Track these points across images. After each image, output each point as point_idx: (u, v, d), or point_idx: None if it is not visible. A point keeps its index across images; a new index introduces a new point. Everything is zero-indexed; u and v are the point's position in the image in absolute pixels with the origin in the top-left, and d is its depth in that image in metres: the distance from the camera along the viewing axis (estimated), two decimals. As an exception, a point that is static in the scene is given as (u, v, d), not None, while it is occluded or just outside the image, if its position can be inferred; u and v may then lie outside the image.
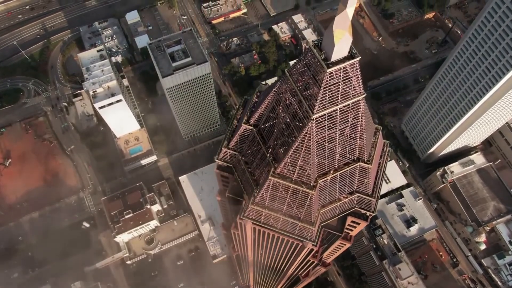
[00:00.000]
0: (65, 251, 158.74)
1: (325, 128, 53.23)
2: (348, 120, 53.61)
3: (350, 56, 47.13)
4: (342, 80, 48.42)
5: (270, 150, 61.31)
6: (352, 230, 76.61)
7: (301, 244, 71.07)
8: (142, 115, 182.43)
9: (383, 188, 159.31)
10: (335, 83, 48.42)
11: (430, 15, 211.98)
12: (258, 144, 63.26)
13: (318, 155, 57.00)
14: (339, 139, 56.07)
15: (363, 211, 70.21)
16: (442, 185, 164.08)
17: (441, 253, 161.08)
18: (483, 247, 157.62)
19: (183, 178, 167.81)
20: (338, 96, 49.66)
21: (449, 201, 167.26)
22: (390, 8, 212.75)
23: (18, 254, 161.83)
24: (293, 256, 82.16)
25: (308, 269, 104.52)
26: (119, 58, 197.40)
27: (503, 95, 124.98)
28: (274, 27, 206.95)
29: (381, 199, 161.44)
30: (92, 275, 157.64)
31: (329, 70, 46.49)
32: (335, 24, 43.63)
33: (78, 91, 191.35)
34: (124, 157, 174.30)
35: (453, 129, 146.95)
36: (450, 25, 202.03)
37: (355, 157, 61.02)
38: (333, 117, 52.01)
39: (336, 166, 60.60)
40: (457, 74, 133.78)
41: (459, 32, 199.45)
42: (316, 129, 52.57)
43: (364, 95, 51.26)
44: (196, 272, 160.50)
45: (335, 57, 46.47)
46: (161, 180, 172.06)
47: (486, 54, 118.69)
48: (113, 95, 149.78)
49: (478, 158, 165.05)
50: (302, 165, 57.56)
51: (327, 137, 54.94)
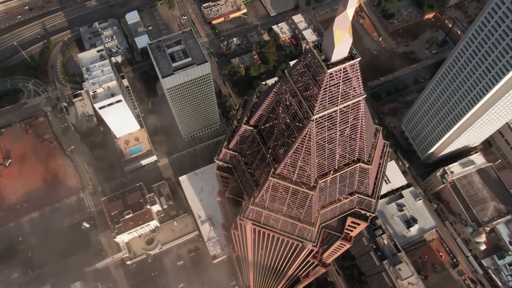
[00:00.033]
0: (65, 252, 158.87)
1: (325, 129, 53.18)
2: (348, 121, 53.60)
3: (350, 57, 47.11)
4: (342, 81, 48.40)
5: (270, 151, 61.29)
6: (352, 231, 76.58)
7: (301, 245, 71.04)
8: (142, 116, 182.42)
9: (383, 188, 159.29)
10: (335, 84, 48.40)
11: (430, 16, 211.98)
12: (258, 145, 63.23)
13: (318, 156, 56.97)
14: (339, 140, 56.04)
15: (363, 212, 70.20)
16: (442, 186, 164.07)
17: (441, 254, 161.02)
18: (483, 248, 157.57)
19: (183, 179, 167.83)
20: (338, 97, 49.64)
21: (449, 202, 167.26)
22: (390, 8, 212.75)
23: (18, 255, 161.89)
24: (293, 257, 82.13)
25: (308, 270, 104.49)
26: (119, 59, 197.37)
27: (503, 96, 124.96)
28: (274, 27, 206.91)
29: (381, 199, 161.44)
30: (92, 276, 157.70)
31: (329, 71, 46.47)
32: (335, 25, 43.59)
33: (78, 91, 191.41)
34: (124, 158, 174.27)
35: (453, 130, 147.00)
36: (450, 26, 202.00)
37: (355, 158, 61.00)
38: (333, 118, 51.98)
39: (336, 167, 60.59)
40: (457, 75, 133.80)
41: (459, 33, 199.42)
42: (316, 130, 52.53)
43: (364, 96, 51.26)
44: (196, 273, 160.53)
45: (335, 58, 46.46)
46: (161, 181, 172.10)
47: (486, 55, 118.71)
48: (113, 96, 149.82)
49: (478, 159, 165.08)
50: (302, 166, 57.55)
51: (327, 138, 54.91)
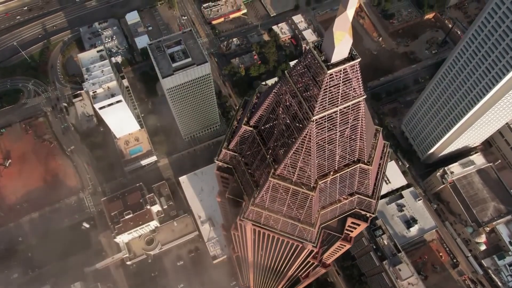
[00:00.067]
0: (65, 252, 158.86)
1: (325, 130, 53.08)
2: (348, 122, 53.51)
3: (350, 58, 47.00)
4: (342, 82, 48.31)
5: (270, 152, 61.22)
6: (352, 231, 76.53)
7: (301, 246, 70.98)
8: (142, 116, 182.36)
9: (383, 189, 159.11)
10: (335, 85, 48.32)
11: (430, 16, 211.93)
12: (258, 145, 63.19)
13: (318, 157, 56.90)
14: (339, 141, 55.97)
15: (363, 212, 70.16)
16: (442, 186, 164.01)
17: (441, 254, 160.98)
18: (483, 248, 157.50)
19: (183, 179, 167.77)
20: (338, 98, 49.55)
21: (449, 202, 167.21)
22: (390, 9, 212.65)
23: (18, 255, 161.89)
24: (293, 257, 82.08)
25: (308, 270, 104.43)
26: (119, 59, 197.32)
27: (503, 96, 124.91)
28: (274, 28, 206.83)
29: (381, 200, 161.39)
30: (92, 276, 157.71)
31: (329, 72, 46.38)
32: (335, 26, 43.53)
33: (78, 92, 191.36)
34: (124, 158, 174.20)
35: (453, 130, 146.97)
36: (450, 26, 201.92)
37: (355, 159, 60.90)
38: (333, 119, 51.89)
39: (336, 168, 60.50)
40: (457, 75, 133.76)
41: (459, 33, 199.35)
42: (316, 131, 52.46)
43: (365, 97, 51.18)
44: (196, 273, 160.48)
45: (335, 59, 46.38)
46: (161, 181, 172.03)
47: (486, 55, 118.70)
48: (113, 96, 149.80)
49: (478, 159, 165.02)
50: (302, 167, 57.48)
51: (327, 139, 54.83)
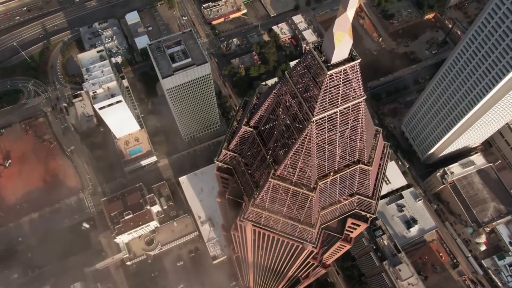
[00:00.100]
0: (65, 252, 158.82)
1: (325, 130, 53.01)
2: (348, 122, 53.43)
3: (351, 58, 46.92)
4: (343, 82, 48.22)
5: (270, 152, 61.15)
6: (352, 232, 76.48)
7: (301, 246, 70.90)
8: (142, 116, 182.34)
9: (383, 189, 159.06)
10: (335, 85, 48.23)
11: (430, 16, 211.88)
12: (258, 146, 63.13)
13: (318, 157, 56.83)
14: (339, 141, 55.91)
15: (363, 213, 70.11)
16: (442, 186, 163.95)
17: (441, 254, 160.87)
18: (483, 248, 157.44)
19: (183, 179, 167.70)
20: (339, 98, 49.47)
21: (449, 202, 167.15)
22: (390, 9, 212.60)
23: (18, 255, 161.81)
24: (293, 258, 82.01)
25: (308, 271, 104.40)
26: (119, 59, 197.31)
27: (503, 96, 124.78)
28: (274, 28, 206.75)
29: (381, 200, 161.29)
30: (92, 276, 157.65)
31: (329, 73, 46.29)
32: (336, 27, 43.47)
33: (78, 92, 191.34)
34: (124, 158, 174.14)
35: (453, 130, 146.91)
36: (450, 26, 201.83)
37: (355, 159, 60.79)
38: (333, 119, 51.81)
39: (336, 168, 60.41)
40: (457, 75, 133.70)
41: (459, 33, 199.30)
42: (316, 131, 52.39)
43: (365, 97, 51.09)
44: (196, 273, 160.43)
45: (335, 60, 46.30)
46: (161, 181, 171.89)
47: (486, 55, 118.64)
48: (113, 96, 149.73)
49: (478, 159, 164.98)
50: (302, 167, 57.41)
51: (327, 139, 54.78)
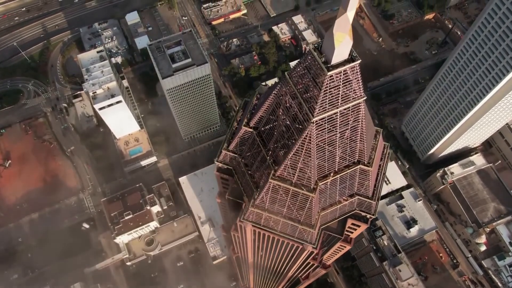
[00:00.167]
0: (65, 252, 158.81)
1: (325, 131, 52.95)
2: (349, 123, 53.36)
3: (351, 59, 46.83)
4: (343, 83, 48.14)
5: (270, 153, 61.09)
6: (353, 233, 76.45)
7: (301, 247, 70.83)
8: (142, 116, 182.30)
9: (383, 189, 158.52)
10: (336, 86, 48.15)
11: (430, 16, 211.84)
12: (258, 147, 63.08)
13: (319, 158, 56.77)
14: (339, 142, 55.86)
15: (364, 214, 70.08)
16: (442, 186, 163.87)
17: (441, 254, 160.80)
18: (483, 248, 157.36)
19: (183, 179, 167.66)
20: (339, 99, 49.40)
21: (449, 202, 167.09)
22: (390, 9, 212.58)
23: (18, 255, 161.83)
24: (293, 259, 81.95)
25: (308, 271, 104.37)
26: (119, 59, 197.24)
27: (504, 96, 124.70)
28: (274, 28, 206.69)
29: (381, 200, 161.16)
30: (92, 276, 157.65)
31: (329, 73, 46.21)
32: (336, 27, 43.39)
33: (78, 92, 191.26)
34: (124, 158, 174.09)
35: (453, 130, 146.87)
36: (450, 26, 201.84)
37: (356, 160, 60.70)
38: (334, 120, 51.75)
39: (337, 169, 60.37)
40: (457, 75, 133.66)
41: (459, 33, 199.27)
42: (316, 132, 52.33)
43: (365, 98, 51.01)
44: (196, 274, 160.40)
45: (336, 60, 46.21)
46: (161, 181, 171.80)
47: (486, 55, 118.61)
48: (113, 96, 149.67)
49: (478, 159, 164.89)
50: (302, 168, 57.35)
51: (327, 140, 54.72)
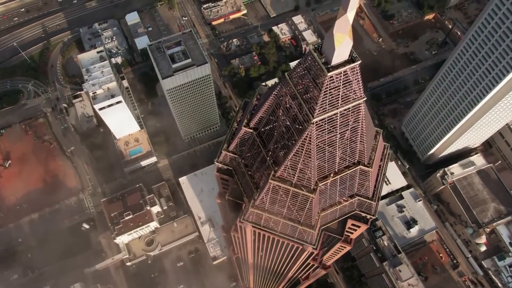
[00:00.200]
0: (65, 253, 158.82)
1: (326, 132, 52.93)
2: (349, 124, 53.34)
3: (351, 60, 46.79)
4: (343, 84, 48.11)
5: (270, 153, 61.07)
6: (353, 233, 76.45)
7: (301, 247, 70.77)
8: (142, 117, 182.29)
9: (383, 190, 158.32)
10: (336, 87, 48.13)
11: (430, 16, 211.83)
12: (258, 147, 63.06)
13: (319, 159, 56.75)
14: (340, 143, 55.83)
15: (364, 214, 70.07)
16: (442, 187, 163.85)
17: (441, 255, 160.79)
18: (484, 249, 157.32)
19: (183, 180, 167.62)
20: (339, 100, 49.37)
21: (449, 203, 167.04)
22: (390, 9, 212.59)
23: (18, 256, 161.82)
24: (293, 259, 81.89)
25: (308, 272, 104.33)
26: (119, 59, 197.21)
27: (504, 97, 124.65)
28: (274, 28, 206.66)
29: (381, 201, 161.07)
30: (92, 277, 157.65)
31: (330, 74, 46.20)
32: (336, 28, 43.35)
33: (78, 92, 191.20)
34: (124, 159, 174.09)
35: (453, 131, 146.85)
36: (450, 26, 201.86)
37: (356, 160, 60.69)
38: (334, 121, 51.73)
39: (337, 170, 60.35)
40: (457, 76, 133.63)
41: (459, 33, 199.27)
42: (317, 133, 52.31)
43: (365, 99, 51.01)
44: (196, 274, 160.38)
45: (336, 61, 46.18)
46: (161, 182, 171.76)
47: (487, 56, 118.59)
48: (113, 97, 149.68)
49: (478, 160, 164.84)
50: (302, 169, 57.32)
51: (328, 141, 54.69)
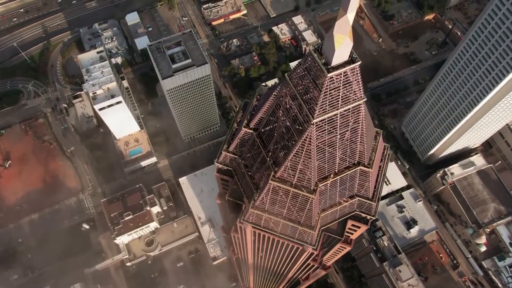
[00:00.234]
0: (65, 253, 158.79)
1: (326, 132, 52.93)
2: (349, 125, 53.34)
3: (351, 61, 46.79)
4: (343, 85, 48.10)
5: (270, 154, 61.06)
6: (353, 234, 76.46)
7: (301, 248, 70.76)
8: (142, 117, 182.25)
9: (383, 190, 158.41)
10: (336, 88, 48.11)
11: (430, 17, 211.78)
12: (258, 148, 63.04)
13: (319, 159, 56.74)
14: (340, 143, 55.82)
15: (364, 215, 70.06)
16: (442, 187, 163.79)
17: (441, 255, 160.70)
18: (484, 249, 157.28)
19: (183, 180, 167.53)
20: (339, 101, 49.37)
21: (449, 203, 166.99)
22: (390, 10, 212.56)
23: (18, 256, 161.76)
24: (293, 260, 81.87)
25: (308, 272, 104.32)
26: (119, 60, 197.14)
27: (504, 97, 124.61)
28: (274, 29, 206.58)
29: (381, 201, 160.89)
30: (92, 277, 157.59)
31: (330, 75, 46.19)
32: (336, 29, 43.33)
33: (78, 93, 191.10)
34: (124, 159, 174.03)
35: (453, 131, 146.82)
36: (450, 27, 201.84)
37: (356, 161, 60.70)
38: (334, 121, 51.72)
39: (337, 170, 60.36)
40: (458, 76, 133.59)
41: (459, 34, 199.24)
42: (317, 133, 52.31)
43: (365, 100, 51.00)
44: (196, 274, 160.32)
45: (336, 62, 46.17)
46: (161, 182, 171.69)
47: (487, 56, 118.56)
48: (113, 97, 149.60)
49: (478, 160, 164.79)
50: (302, 169, 57.31)
51: (328, 141, 54.69)
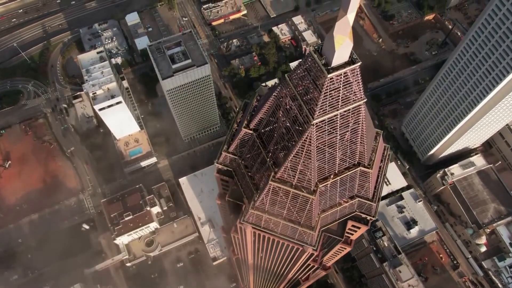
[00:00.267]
0: (65, 253, 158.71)
1: (326, 133, 52.90)
2: (349, 125, 53.33)
3: (351, 61, 46.81)
4: (343, 85, 48.08)
5: (270, 155, 61.05)
6: (353, 234, 76.40)
7: (301, 249, 70.74)
8: (142, 117, 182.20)
9: (383, 190, 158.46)
10: (336, 88, 48.10)
11: (430, 17, 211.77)
12: (258, 149, 63.01)
13: (319, 160, 56.71)
14: (340, 144, 55.78)
15: (364, 215, 70.01)
16: (443, 187, 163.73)
17: (442, 255, 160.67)
18: (484, 249, 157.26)
19: (183, 180, 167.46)
20: (339, 101, 49.36)
21: (450, 203, 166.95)
22: (390, 10, 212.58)
23: (18, 256, 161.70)
24: (293, 260, 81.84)
25: (309, 273, 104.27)
26: (119, 60, 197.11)
27: (504, 97, 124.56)
28: (274, 29, 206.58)
29: (381, 201, 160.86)
30: (92, 277, 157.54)
31: (330, 76, 46.18)
32: (336, 30, 43.32)
33: (78, 93, 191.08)
34: (124, 159, 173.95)
35: (454, 131, 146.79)
36: (450, 27, 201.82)
37: (356, 162, 60.67)
38: (334, 122, 51.70)
39: (337, 171, 60.33)
40: (458, 76, 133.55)
41: (459, 34, 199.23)
42: (317, 134, 52.28)
43: (365, 100, 50.98)
44: (196, 274, 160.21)
45: (336, 63, 46.17)
46: (161, 182, 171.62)
47: (487, 56, 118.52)
48: (113, 97, 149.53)
49: (479, 160, 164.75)
50: (302, 170, 57.29)
51: (328, 142, 54.66)
